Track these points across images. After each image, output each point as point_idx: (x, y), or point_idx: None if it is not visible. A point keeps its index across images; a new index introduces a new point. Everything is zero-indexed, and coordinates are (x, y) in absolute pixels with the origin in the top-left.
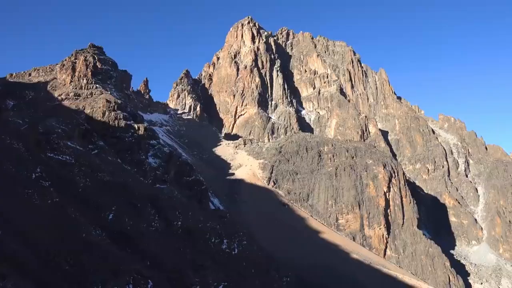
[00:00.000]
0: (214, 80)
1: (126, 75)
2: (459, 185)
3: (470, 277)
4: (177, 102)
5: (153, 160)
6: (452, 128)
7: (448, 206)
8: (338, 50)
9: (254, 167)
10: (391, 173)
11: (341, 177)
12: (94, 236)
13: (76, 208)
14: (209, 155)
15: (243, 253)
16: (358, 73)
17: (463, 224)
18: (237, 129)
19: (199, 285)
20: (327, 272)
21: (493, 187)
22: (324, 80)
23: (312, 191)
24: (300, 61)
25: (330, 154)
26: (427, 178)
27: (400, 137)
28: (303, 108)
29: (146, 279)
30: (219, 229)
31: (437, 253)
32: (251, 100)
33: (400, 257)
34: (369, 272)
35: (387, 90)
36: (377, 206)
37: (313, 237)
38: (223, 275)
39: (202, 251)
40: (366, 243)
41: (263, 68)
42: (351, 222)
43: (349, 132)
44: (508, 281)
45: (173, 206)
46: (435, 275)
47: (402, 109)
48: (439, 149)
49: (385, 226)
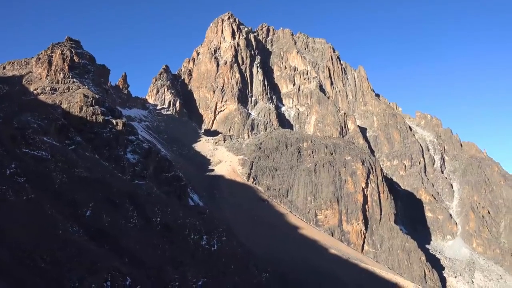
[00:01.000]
0: (194, 76)
1: (104, 70)
2: (435, 181)
3: (444, 271)
4: (156, 97)
5: (132, 156)
6: (429, 125)
7: (424, 202)
8: (318, 47)
9: (234, 163)
10: (369, 169)
11: (320, 173)
12: (71, 233)
13: (53, 205)
14: (189, 151)
15: (223, 249)
16: (337, 70)
17: (438, 219)
18: (217, 125)
19: (178, 282)
20: (306, 267)
21: (468, 183)
22: (304, 77)
23: (292, 187)
24: (280, 58)
25: (310, 151)
26: (404, 174)
27: (378, 134)
28: (283, 105)
29: (124, 276)
30: (198, 225)
31: (413, 247)
32: (231, 96)
33: (377, 252)
34: (347, 267)
35: (365, 87)
36: (355, 202)
37: (292, 233)
38: (202, 271)
39: (181, 248)
40: (344, 238)
41: (243, 64)
42: (329, 217)
43: (328, 129)
44: (481, 274)
45: (152, 202)
46: (411, 269)
47: (380, 106)
48: (416, 146)
49: (363, 221)
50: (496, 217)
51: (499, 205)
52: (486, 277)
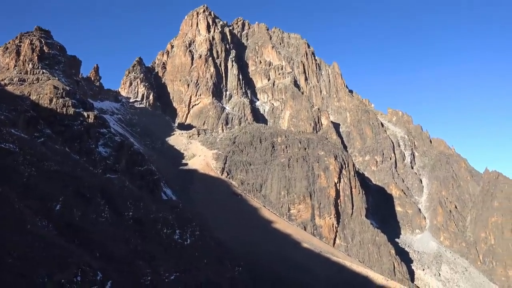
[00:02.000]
0: (168, 69)
1: (75, 61)
2: (405, 177)
3: (413, 264)
4: (129, 90)
5: (104, 149)
6: (400, 121)
7: (395, 197)
8: (293, 42)
9: (208, 157)
10: (341, 165)
11: (293, 168)
12: (40, 228)
13: (21, 199)
14: (162, 145)
15: (196, 243)
16: (312, 66)
17: (408, 214)
18: (191, 119)
19: (150, 276)
20: (279, 261)
21: (436, 178)
22: (278, 72)
23: (265, 182)
24: (255, 52)
25: (283, 145)
26: (376, 170)
27: (351, 130)
28: (257, 99)
29: (95, 271)
30: (171, 219)
31: (383, 241)
32: (206, 90)
33: (348, 246)
34: (319, 261)
35: (339, 83)
36: (328, 197)
37: (266, 227)
38: (175, 266)
39: (154, 242)
40: (317, 232)
41: (218, 58)
42: (302, 212)
43: (302, 124)
44: (447, 267)
45: (124, 196)
46: (381, 263)
47: (353, 102)
48: (387, 142)
49: (335, 216)
50: (462, 211)
51: (466, 200)
52: (452, 270)
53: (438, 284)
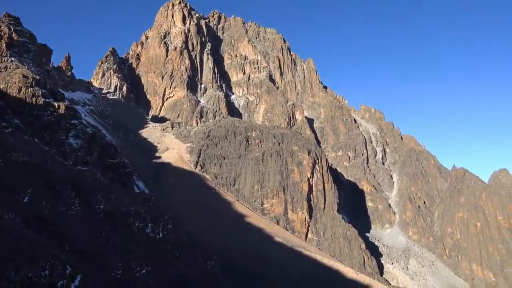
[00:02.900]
0: (142, 60)
1: (45, 50)
2: (376, 172)
3: (382, 258)
4: (101, 81)
5: (75, 140)
6: (372, 118)
7: (366, 192)
8: (268, 37)
9: (182, 150)
10: (315, 160)
11: (267, 162)
12: (7, 220)
13: None
14: (135, 137)
15: (168, 237)
16: (287, 61)
17: (378, 209)
18: (165, 112)
19: (121, 270)
20: (252, 255)
21: (406, 174)
22: (254, 66)
23: (239, 176)
24: (231, 46)
25: (258, 140)
26: (348, 165)
27: (324, 125)
28: (232, 93)
29: (64, 264)
30: (143, 213)
31: (354, 236)
32: (180, 82)
33: (320, 240)
34: (290, 255)
35: (314, 79)
36: (301, 191)
37: (239, 221)
38: (147, 260)
39: (125, 236)
40: (289, 226)
41: (193, 51)
42: (275, 206)
43: (276, 119)
44: (415, 261)
45: (95, 189)
46: (352, 257)
47: (327, 98)
48: (360, 138)
49: (308, 210)
50: (430, 207)
51: (434, 196)
52: (420, 263)
53: (406, 277)
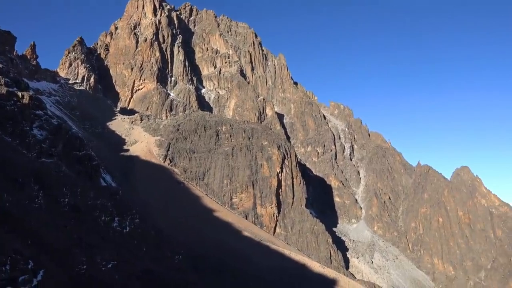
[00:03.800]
0: (111, 51)
1: (9, 37)
2: (344, 168)
3: (348, 252)
4: (68, 71)
5: (39, 132)
6: (341, 115)
7: (334, 187)
8: (240, 31)
9: (150, 143)
10: (284, 155)
11: (237, 157)
12: None
13: None
14: (103, 130)
15: (135, 232)
16: (258, 56)
17: (345, 204)
18: (134, 104)
19: (86, 265)
20: (220, 249)
21: (373, 171)
22: (225, 60)
23: (208, 170)
24: (202, 39)
25: (228, 134)
26: (317, 161)
27: (294, 121)
28: (203, 87)
29: (27, 259)
30: (110, 206)
31: (321, 230)
32: (150, 74)
33: (288, 234)
34: (258, 249)
35: (285, 75)
36: (270, 186)
37: (207, 216)
38: (113, 254)
39: (90, 230)
40: (258, 221)
41: (164, 43)
42: (244, 201)
43: (247, 113)
44: (379, 255)
45: (60, 182)
46: (318, 251)
47: (297, 94)
48: (328, 134)
49: (276, 205)
50: (395, 202)
51: (399, 192)
52: (384, 257)
53: (370, 271)
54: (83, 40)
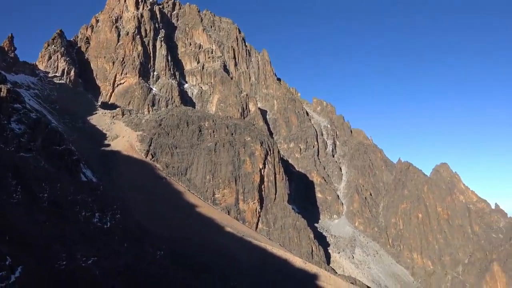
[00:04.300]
0: (92, 45)
1: None
2: (326, 164)
3: (330, 247)
4: (48, 64)
5: (17, 126)
6: (324, 111)
7: (316, 183)
8: (224, 27)
9: (132, 139)
10: (267, 151)
11: (220, 152)
12: None
13: None
14: (83, 124)
15: (116, 227)
16: (242, 52)
17: (327, 200)
18: (115, 98)
19: (66, 261)
20: (202, 245)
21: (355, 167)
22: (208, 55)
23: (191, 166)
24: (185, 34)
25: (210, 130)
26: (299, 157)
27: (277, 117)
28: (186, 82)
29: (4, 256)
30: (90, 202)
31: (303, 226)
32: (132, 69)
33: (270, 230)
34: (241, 245)
35: (268, 70)
36: (252, 182)
37: (190, 211)
38: (93, 250)
39: (71, 225)
40: (240, 217)
41: (146, 37)
42: (227, 196)
43: (230, 109)
44: (360, 250)
45: (39, 177)
46: (300, 246)
47: (281, 91)
48: (311, 130)
49: (259, 201)
50: (376, 198)
51: (380, 188)
52: (365, 253)
53: (351, 266)
54: (63, 33)
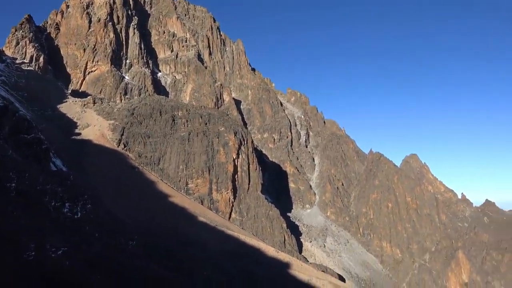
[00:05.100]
0: (62, 31)
1: None
2: (299, 155)
3: (302, 237)
4: (15, 50)
5: None
6: (298, 102)
7: (289, 173)
8: (198, 15)
9: (104, 127)
10: (241, 141)
11: (193, 142)
12: None
13: None
14: (53, 112)
15: (87, 217)
16: (216, 41)
17: (300, 190)
18: (86, 86)
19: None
20: (175, 235)
21: (327, 157)
22: (182, 44)
23: (164, 155)
24: (159, 22)
25: (184, 119)
26: (273, 147)
27: (251, 107)
28: (159, 71)
29: None
30: (60, 191)
31: (276, 215)
32: (104, 56)
33: (243, 220)
34: (214, 234)
35: (243, 60)
36: (226, 172)
37: (162, 201)
38: (63, 240)
39: (40, 216)
40: (213, 206)
41: (118, 24)
42: (200, 186)
43: (204, 99)
44: (332, 239)
45: (6, 166)
46: (273, 236)
47: (255, 81)
48: (285, 121)
49: (232, 190)
50: (348, 188)
51: (351, 178)
52: (336, 241)
53: (322, 254)
54: (32, 18)
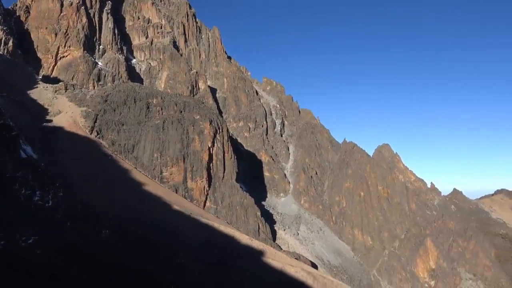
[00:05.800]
0: (32, 14)
1: None
2: (274, 144)
3: (276, 225)
4: None
5: None
6: (273, 91)
7: (264, 162)
8: (174, 1)
9: (76, 114)
10: (216, 129)
11: (168, 130)
12: None
13: None
14: (23, 98)
15: (59, 206)
16: (192, 28)
17: (274, 178)
18: (58, 72)
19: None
20: (149, 223)
21: (302, 146)
22: (157, 31)
23: (138, 143)
24: (134, 7)
25: (159, 107)
26: (248, 136)
27: (227, 96)
28: (133, 57)
29: None
30: (31, 179)
31: (250, 204)
32: (76, 41)
33: (218, 208)
34: (188, 223)
35: (218, 48)
36: (201, 160)
37: (136, 189)
38: (34, 229)
39: (9, 204)
40: (188, 195)
41: (91, 8)
42: (175, 174)
43: (179, 86)
44: (305, 227)
45: None
46: (247, 224)
47: (231, 69)
48: (260, 110)
49: (207, 179)
50: (322, 177)
51: (325, 167)
52: (309, 229)
53: (296, 242)
54: (0, 0)
